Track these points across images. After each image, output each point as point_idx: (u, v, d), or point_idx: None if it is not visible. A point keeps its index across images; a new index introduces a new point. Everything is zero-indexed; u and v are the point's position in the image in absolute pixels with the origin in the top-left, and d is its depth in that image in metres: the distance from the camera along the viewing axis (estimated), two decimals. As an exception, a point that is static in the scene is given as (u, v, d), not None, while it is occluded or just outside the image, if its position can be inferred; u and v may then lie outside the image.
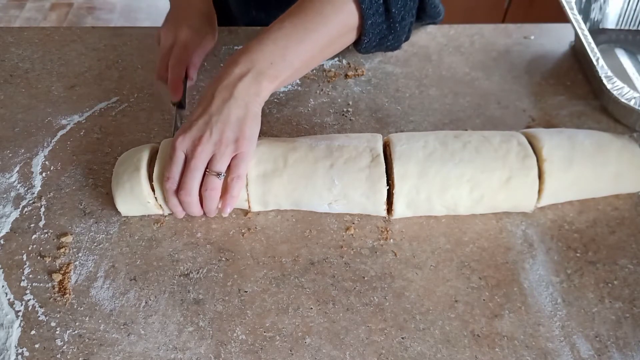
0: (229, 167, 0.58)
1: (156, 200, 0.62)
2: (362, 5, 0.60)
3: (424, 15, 0.72)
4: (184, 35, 0.74)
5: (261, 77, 0.58)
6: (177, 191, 0.58)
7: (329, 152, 0.61)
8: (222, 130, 0.57)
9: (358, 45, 0.66)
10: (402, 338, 0.54)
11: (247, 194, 0.62)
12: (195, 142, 0.57)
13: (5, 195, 0.66)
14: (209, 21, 0.79)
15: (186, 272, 0.59)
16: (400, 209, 0.61)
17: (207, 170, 0.58)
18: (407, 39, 0.69)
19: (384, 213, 0.62)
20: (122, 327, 0.55)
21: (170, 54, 0.73)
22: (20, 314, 0.56)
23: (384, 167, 0.60)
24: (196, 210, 0.60)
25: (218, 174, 0.57)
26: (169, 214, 0.64)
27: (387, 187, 0.60)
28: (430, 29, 0.61)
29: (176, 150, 0.58)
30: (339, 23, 0.61)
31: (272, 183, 0.61)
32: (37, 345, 0.53)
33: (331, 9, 0.60)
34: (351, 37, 0.64)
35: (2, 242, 0.62)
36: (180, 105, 0.74)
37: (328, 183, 0.60)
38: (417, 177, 0.60)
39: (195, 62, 0.75)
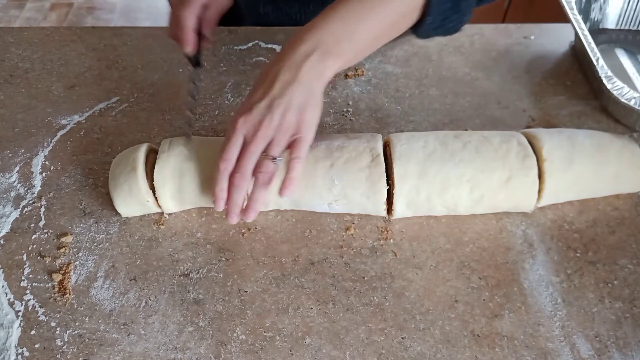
0: (290, 148, 0.57)
1: (155, 199, 0.61)
2: None
3: None
4: None
5: (327, 57, 0.57)
6: (233, 174, 0.57)
7: (328, 152, 0.61)
8: (283, 115, 0.55)
9: (419, 26, 0.63)
10: (402, 338, 0.54)
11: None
12: (256, 126, 0.56)
13: (5, 195, 0.66)
14: None
15: (186, 272, 0.59)
16: (400, 209, 0.61)
17: (264, 154, 0.57)
18: (467, 21, 0.67)
19: (384, 213, 0.62)
20: (122, 327, 0.55)
21: (177, 7, 0.68)
22: (20, 314, 0.56)
23: (384, 167, 0.60)
24: (241, 198, 0.57)
25: (274, 159, 0.57)
26: (169, 214, 0.64)
27: (387, 187, 0.60)
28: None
29: (236, 131, 0.56)
30: (406, 3, 0.60)
31: (273, 182, 0.61)
32: (37, 345, 0.53)
33: None
34: (414, 17, 0.62)
35: (2, 242, 0.62)
36: (197, 62, 0.70)
37: (328, 183, 0.60)
38: (417, 177, 0.60)
39: (210, 18, 0.70)
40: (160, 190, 0.61)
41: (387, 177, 0.60)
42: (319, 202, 0.61)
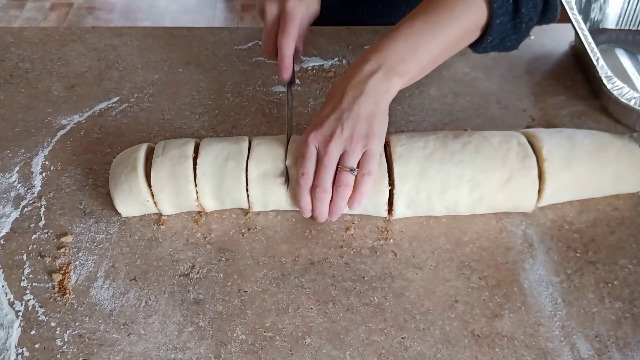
0: (360, 163, 0.58)
1: (153, 199, 0.61)
2: (494, 4, 0.60)
3: (543, 17, 0.69)
4: (291, 5, 0.65)
5: (391, 74, 0.58)
6: (313, 188, 0.58)
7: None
8: (353, 127, 0.57)
9: (478, 44, 0.65)
10: (402, 338, 0.54)
11: (248, 195, 0.62)
12: (327, 139, 0.57)
13: (5, 195, 0.66)
14: None
15: (186, 272, 0.59)
16: (401, 209, 0.61)
17: (340, 166, 0.58)
18: (524, 39, 0.68)
19: (385, 213, 0.62)
20: (122, 327, 0.55)
21: (276, 27, 0.67)
22: (20, 314, 0.56)
23: (386, 167, 0.60)
24: (326, 207, 0.59)
25: (351, 170, 0.57)
26: (169, 214, 0.64)
27: (389, 188, 0.60)
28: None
29: (309, 145, 0.58)
30: (468, 21, 0.62)
31: (273, 183, 0.61)
32: (37, 345, 0.53)
33: (462, 6, 0.61)
34: (475, 35, 0.64)
35: (2, 242, 0.62)
36: (291, 81, 0.69)
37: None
38: (417, 177, 0.60)
39: (302, 33, 0.69)
40: (159, 195, 0.61)
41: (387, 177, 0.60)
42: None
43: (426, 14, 0.61)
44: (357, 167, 0.58)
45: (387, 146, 0.63)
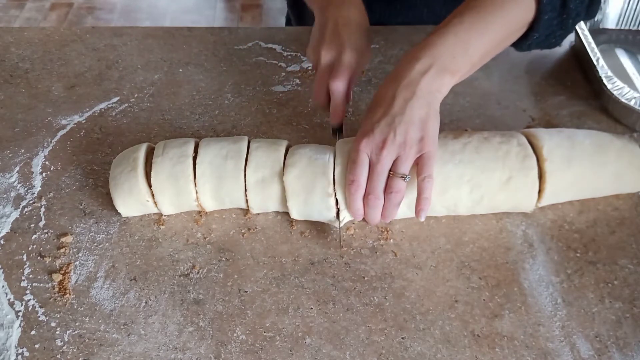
0: (418, 167, 0.57)
1: (153, 199, 0.61)
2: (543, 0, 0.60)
3: (586, 12, 0.67)
4: (349, 58, 0.65)
5: (444, 72, 0.57)
6: (365, 195, 0.57)
7: (328, 168, 0.60)
8: (406, 132, 0.56)
9: (524, 41, 0.65)
10: (402, 338, 0.54)
11: (247, 200, 0.62)
12: (379, 146, 0.56)
13: (5, 195, 0.66)
14: (368, 37, 0.70)
15: (186, 272, 0.59)
16: (401, 210, 0.61)
17: (392, 172, 0.57)
18: (568, 35, 0.68)
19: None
20: (122, 327, 0.55)
21: (328, 74, 0.65)
22: (20, 314, 0.56)
23: None
24: (379, 214, 0.58)
25: (403, 176, 0.57)
26: (169, 214, 0.64)
27: None
28: (430, 29, 0.61)
29: (360, 153, 0.57)
30: (517, 17, 0.61)
31: (271, 189, 0.60)
32: (37, 346, 0.53)
33: (511, 3, 0.60)
34: (521, 32, 0.64)
35: (2, 242, 0.62)
36: (340, 129, 0.68)
37: (327, 204, 0.59)
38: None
39: (354, 82, 0.68)
40: (159, 195, 0.61)
41: None
42: (318, 217, 0.61)
43: (475, 10, 0.60)
44: (416, 172, 0.57)
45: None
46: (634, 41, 0.87)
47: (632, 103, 0.68)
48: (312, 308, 0.56)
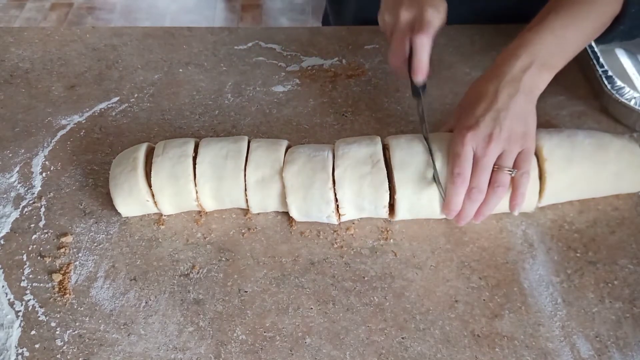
0: (516, 162, 0.58)
1: (153, 199, 0.61)
2: None
3: None
4: (430, 14, 0.64)
5: (543, 69, 0.59)
6: (469, 189, 0.57)
7: (327, 163, 0.60)
8: (510, 127, 0.57)
9: (608, 33, 0.66)
10: (402, 338, 0.54)
11: (247, 200, 0.61)
12: (486, 139, 0.57)
13: (5, 195, 0.66)
14: None
15: (186, 272, 0.59)
16: (402, 214, 0.61)
17: (496, 166, 0.57)
18: None
19: (385, 216, 0.62)
20: (122, 327, 0.55)
21: (410, 31, 0.65)
22: (20, 314, 0.56)
23: (385, 172, 0.60)
24: (475, 209, 0.58)
25: (510, 171, 0.57)
26: (169, 214, 0.64)
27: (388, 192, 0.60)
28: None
29: (465, 146, 0.57)
30: (607, 11, 0.63)
31: (271, 189, 0.60)
32: (37, 346, 0.53)
33: None
34: (608, 25, 0.65)
35: (2, 242, 0.62)
36: (424, 87, 0.67)
37: (326, 197, 0.59)
38: (417, 182, 0.59)
39: (434, 42, 0.66)
40: (159, 195, 0.61)
41: (387, 181, 0.60)
42: (317, 215, 0.61)
43: (570, 6, 0.61)
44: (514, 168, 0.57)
45: (386, 149, 0.63)
46: (634, 41, 0.87)
47: (632, 103, 0.68)
48: (312, 308, 0.56)
